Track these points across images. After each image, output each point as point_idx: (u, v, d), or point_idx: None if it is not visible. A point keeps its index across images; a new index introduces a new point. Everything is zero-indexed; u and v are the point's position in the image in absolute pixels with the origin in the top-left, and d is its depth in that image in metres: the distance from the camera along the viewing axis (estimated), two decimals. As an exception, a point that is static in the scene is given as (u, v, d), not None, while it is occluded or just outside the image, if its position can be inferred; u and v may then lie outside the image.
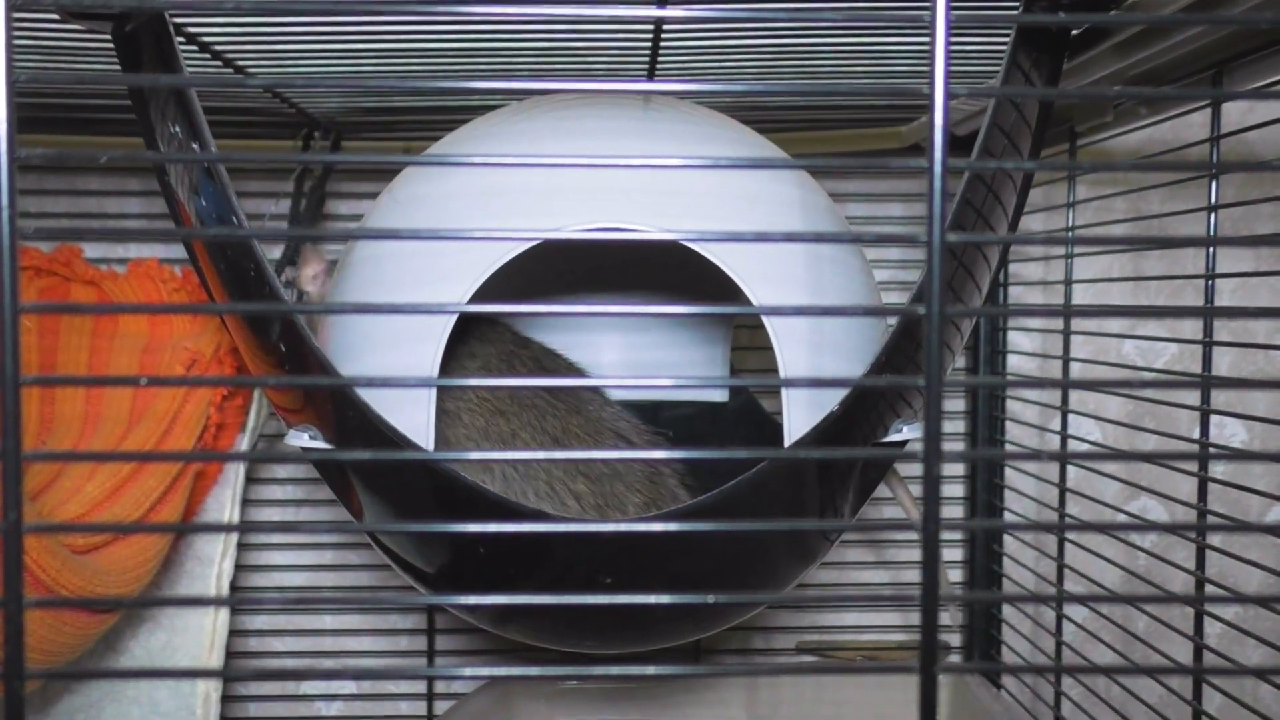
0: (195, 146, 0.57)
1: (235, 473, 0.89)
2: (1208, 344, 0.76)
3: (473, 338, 0.77)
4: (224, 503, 0.90)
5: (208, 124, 0.58)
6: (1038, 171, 0.90)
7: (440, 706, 1.09)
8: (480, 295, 0.62)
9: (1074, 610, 1.00)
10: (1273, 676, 0.55)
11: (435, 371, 0.64)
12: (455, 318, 0.63)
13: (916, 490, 0.86)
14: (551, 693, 1.02)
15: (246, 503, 1.04)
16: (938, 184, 0.34)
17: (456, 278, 0.62)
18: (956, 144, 0.93)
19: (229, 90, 0.83)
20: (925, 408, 0.34)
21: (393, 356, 0.64)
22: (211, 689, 0.84)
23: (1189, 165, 0.73)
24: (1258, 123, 0.76)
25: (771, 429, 0.93)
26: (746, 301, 0.64)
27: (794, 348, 0.65)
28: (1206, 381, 0.58)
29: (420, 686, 1.10)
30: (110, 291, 0.90)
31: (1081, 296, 1.04)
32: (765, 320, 0.64)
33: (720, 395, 0.96)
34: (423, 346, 0.62)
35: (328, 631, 1.09)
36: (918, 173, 0.35)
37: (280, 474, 1.08)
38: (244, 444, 0.90)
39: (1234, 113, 0.79)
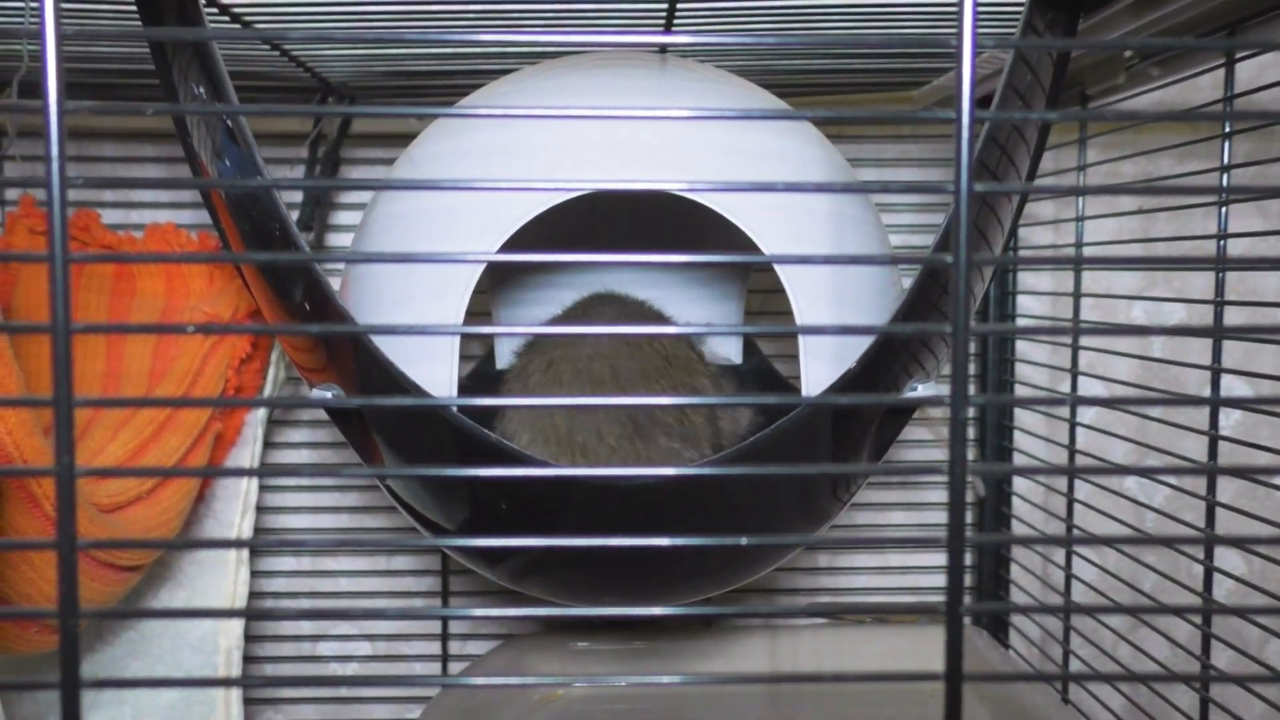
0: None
1: (254, 435, 0.90)
2: (1219, 303, 0.76)
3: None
4: (242, 465, 0.91)
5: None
6: (1050, 135, 0.90)
7: (455, 668, 1.11)
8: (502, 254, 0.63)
9: (1082, 570, 1.01)
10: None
11: (457, 334, 0.65)
12: (478, 275, 0.64)
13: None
14: (565, 654, 1.03)
15: (264, 466, 1.06)
16: (965, 133, 0.34)
17: (480, 235, 0.63)
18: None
19: (246, 54, 0.83)
20: (953, 353, 0.34)
21: (416, 313, 0.65)
22: (234, 647, 0.85)
23: (1208, 115, 0.73)
24: (1271, 82, 0.76)
25: (786, 392, 0.94)
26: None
27: (813, 307, 0.66)
28: (1219, 334, 0.59)
29: (435, 648, 1.11)
30: (128, 255, 0.91)
31: (1091, 264, 1.04)
32: (783, 278, 0.65)
33: (734, 356, 0.97)
34: (446, 302, 0.63)
35: (344, 593, 1.10)
36: (944, 124, 0.36)
37: (297, 438, 1.09)
38: (261, 408, 0.91)
39: (1245, 77, 0.79)
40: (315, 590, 1.10)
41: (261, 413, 0.91)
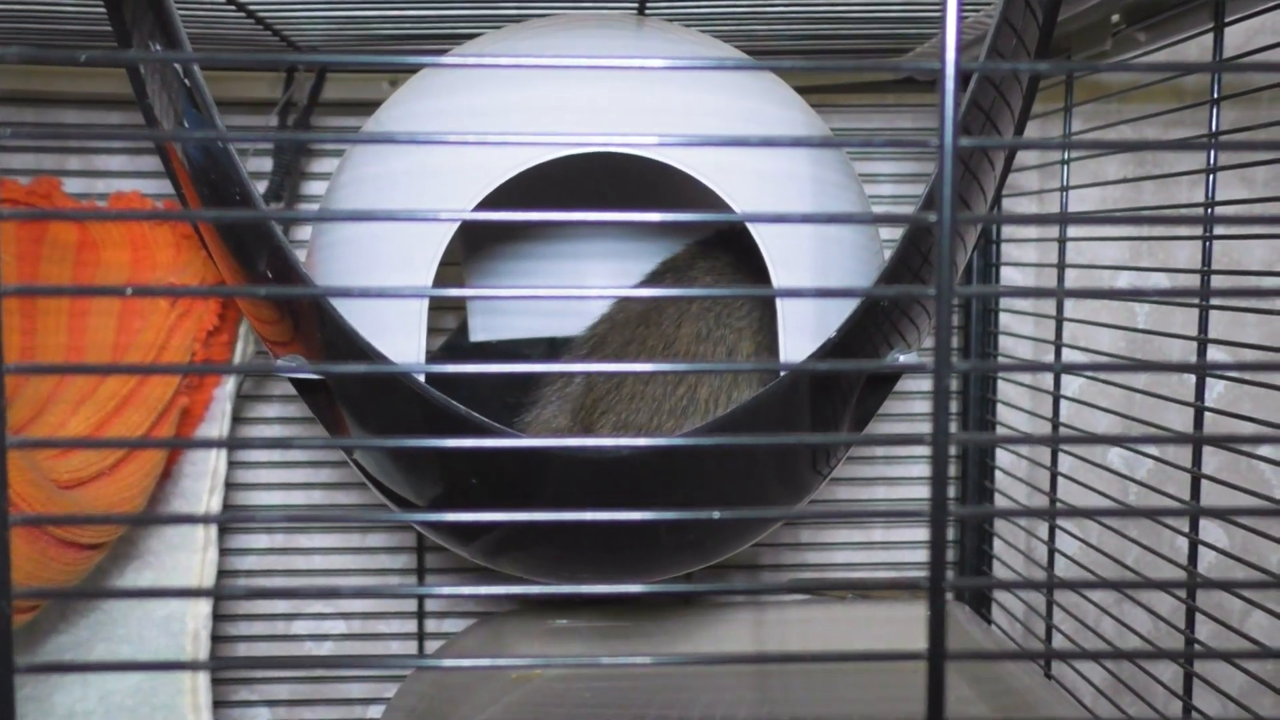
0: (175, 66, 0.55)
1: (222, 410, 0.88)
2: (1205, 273, 0.75)
3: None
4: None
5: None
6: (1034, 104, 0.89)
7: (430, 647, 1.09)
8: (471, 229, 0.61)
9: (1065, 544, 1.00)
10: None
11: (426, 299, 0.63)
12: (446, 241, 0.61)
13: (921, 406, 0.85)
14: (543, 631, 1.01)
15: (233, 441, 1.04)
16: (950, 84, 0.33)
17: (449, 200, 0.61)
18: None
19: (207, 15, 0.81)
20: (936, 316, 0.33)
21: (382, 282, 0.63)
22: (201, 628, 0.84)
23: (1201, 66, 0.72)
24: (1258, 47, 0.74)
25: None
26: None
27: (793, 277, 0.64)
28: (1204, 295, 0.58)
29: (411, 625, 1.09)
30: (91, 228, 0.88)
31: (1075, 233, 1.03)
32: (762, 246, 0.63)
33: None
34: (413, 271, 0.61)
35: (317, 571, 1.08)
36: (927, 89, 0.34)
37: (268, 413, 1.07)
38: (230, 381, 0.88)
39: (1232, 44, 0.78)
40: (288, 568, 1.08)
41: (230, 387, 0.88)
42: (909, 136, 1.08)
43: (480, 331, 0.94)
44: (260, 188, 0.95)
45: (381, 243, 0.63)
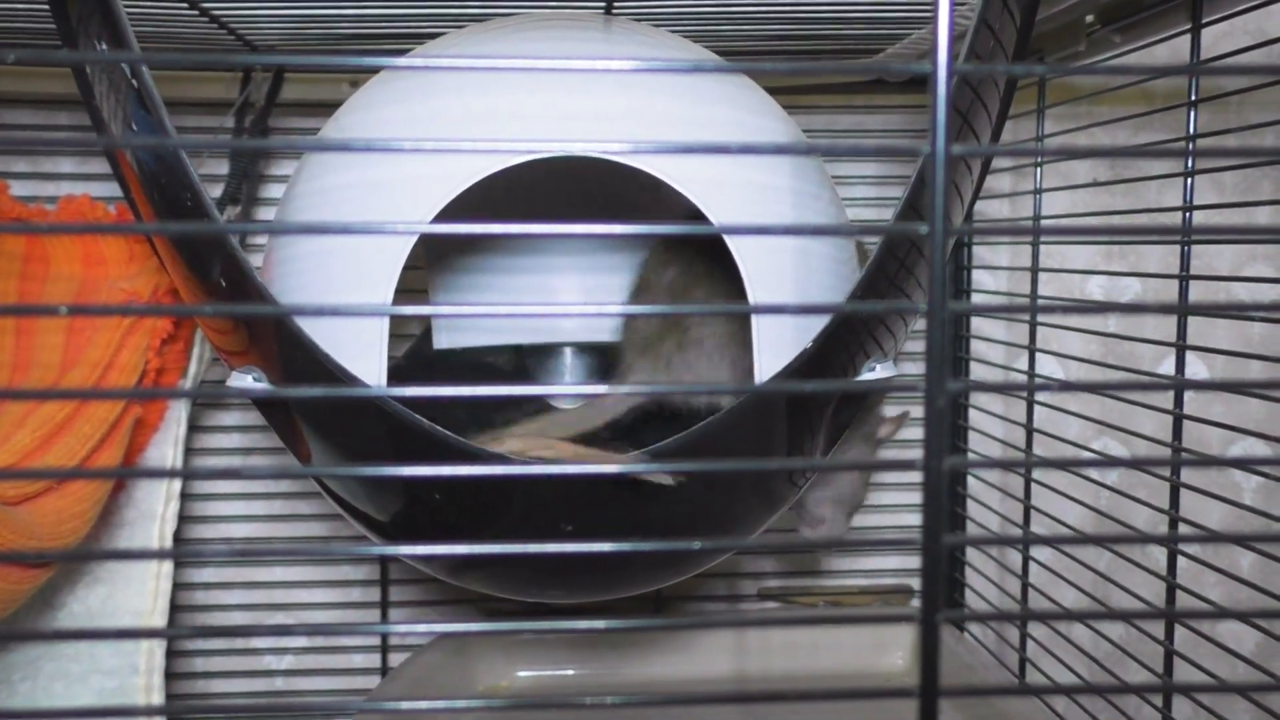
0: (123, 67, 0.52)
1: (177, 419, 0.85)
2: (1183, 278, 0.74)
3: None
4: (165, 452, 0.86)
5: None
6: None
7: (395, 659, 1.07)
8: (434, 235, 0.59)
9: (1038, 551, 0.99)
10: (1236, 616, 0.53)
11: (387, 314, 0.61)
12: (405, 258, 0.59)
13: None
14: (510, 644, 0.99)
15: (190, 452, 1.01)
16: (942, 88, 0.31)
17: (409, 210, 0.58)
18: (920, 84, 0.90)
19: (159, 14, 0.78)
20: (928, 333, 0.31)
21: (341, 298, 0.61)
22: (155, 645, 0.81)
23: (1175, 70, 0.71)
24: (1227, 51, 0.74)
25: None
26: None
27: (771, 294, 0.62)
28: (1183, 310, 0.56)
29: (375, 639, 1.07)
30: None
31: (1047, 239, 1.02)
32: (739, 260, 0.61)
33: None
34: (373, 287, 0.59)
35: (277, 584, 1.05)
36: (920, 78, 0.32)
37: (226, 421, 1.04)
38: (185, 387, 0.86)
39: (1203, 45, 0.77)
40: (249, 580, 1.05)
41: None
42: (877, 137, 1.07)
43: (445, 338, 0.92)
44: (216, 191, 0.92)
45: (339, 256, 0.60)
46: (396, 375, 0.80)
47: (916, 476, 1.02)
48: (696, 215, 0.61)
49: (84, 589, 0.82)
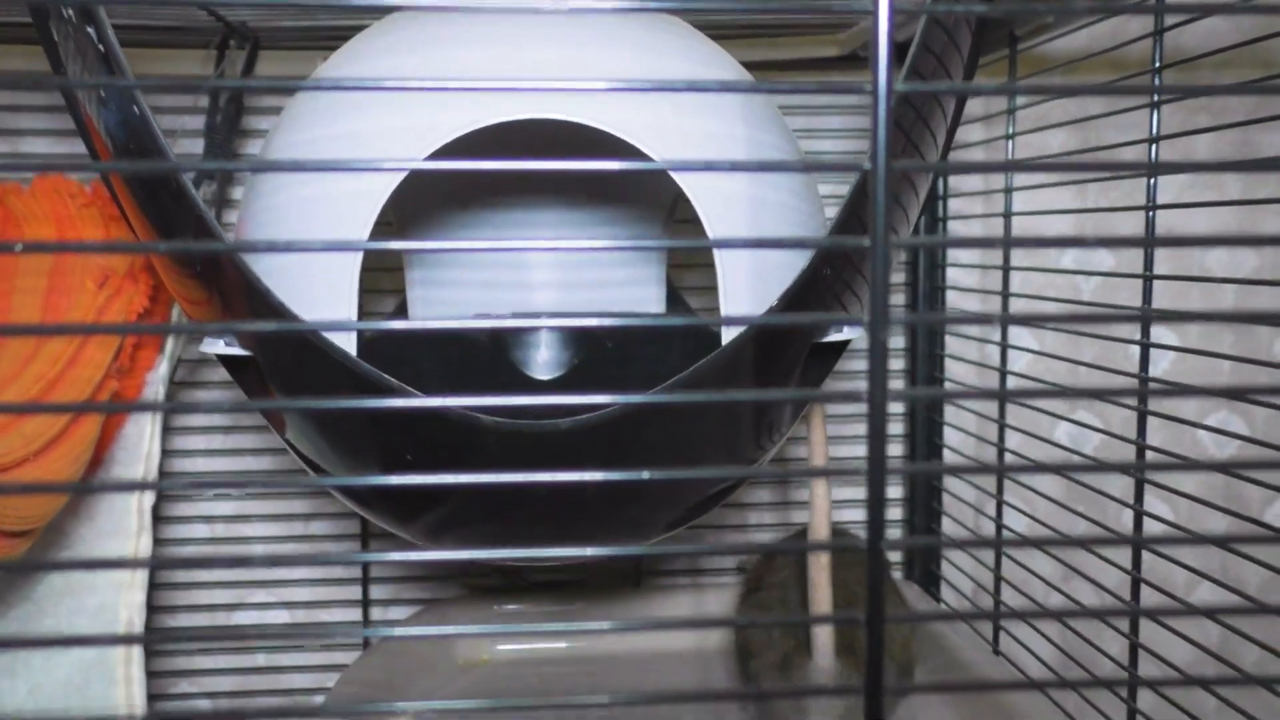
0: (90, 30, 0.53)
1: (155, 394, 0.85)
2: (1148, 278, 0.75)
3: None
4: (143, 427, 0.86)
5: (115, 35, 0.54)
6: (977, 76, 0.88)
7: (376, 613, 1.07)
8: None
9: (1013, 520, 1.00)
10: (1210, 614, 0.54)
11: (357, 276, 0.61)
12: (381, 207, 0.60)
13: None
14: (490, 617, 1.00)
15: (168, 430, 1.01)
16: (882, 106, 0.32)
17: (378, 176, 0.59)
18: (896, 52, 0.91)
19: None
20: (871, 269, 0.32)
21: (315, 262, 0.61)
22: (135, 616, 0.81)
23: (1138, 88, 0.72)
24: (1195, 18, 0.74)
25: (711, 341, 0.92)
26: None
27: (735, 254, 0.63)
28: (1146, 315, 0.58)
29: (356, 614, 1.07)
30: (14, 208, 0.85)
31: (1020, 206, 1.02)
32: (699, 210, 0.62)
33: (656, 306, 0.94)
34: (348, 237, 0.59)
35: (257, 560, 1.06)
36: (860, 92, 0.33)
37: (205, 397, 1.04)
38: (163, 364, 0.86)
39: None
40: (228, 556, 1.06)
41: (163, 370, 0.86)
42: (848, 104, 1.07)
43: (420, 310, 0.92)
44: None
45: (313, 206, 0.61)
46: (369, 350, 0.81)
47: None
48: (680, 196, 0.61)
49: (65, 556, 0.82)
